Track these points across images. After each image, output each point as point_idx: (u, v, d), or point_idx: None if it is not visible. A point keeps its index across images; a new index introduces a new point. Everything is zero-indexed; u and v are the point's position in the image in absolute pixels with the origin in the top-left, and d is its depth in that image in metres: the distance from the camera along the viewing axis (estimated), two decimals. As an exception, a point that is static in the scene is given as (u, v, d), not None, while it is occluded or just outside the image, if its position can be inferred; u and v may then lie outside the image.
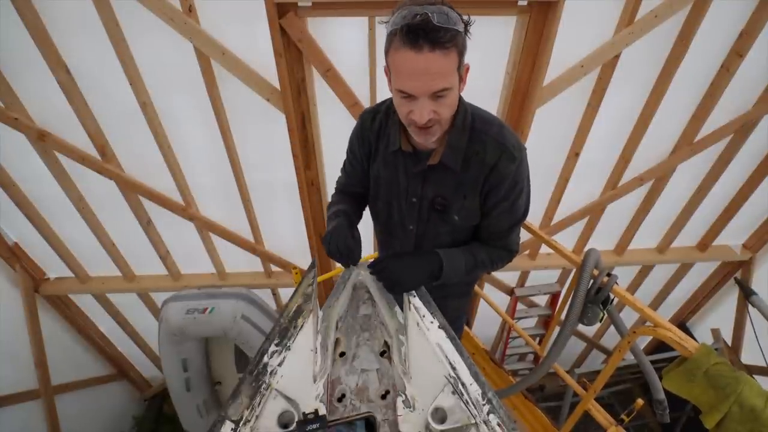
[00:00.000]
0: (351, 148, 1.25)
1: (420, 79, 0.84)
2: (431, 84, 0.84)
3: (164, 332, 2.74)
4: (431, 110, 0.88)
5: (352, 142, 1.23)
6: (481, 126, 1.04)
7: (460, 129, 1.03)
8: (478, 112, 1.07)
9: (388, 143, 1.12)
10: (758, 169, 2.77)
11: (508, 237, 1.17)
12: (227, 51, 1.96)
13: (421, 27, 0.78)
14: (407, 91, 0.87)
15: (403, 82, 0.86)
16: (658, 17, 1.98)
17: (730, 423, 1.16)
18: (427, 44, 0.79)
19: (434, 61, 0.81)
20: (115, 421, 4.00)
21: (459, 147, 1.03)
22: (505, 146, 1.02)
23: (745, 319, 3.36)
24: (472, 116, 1.05)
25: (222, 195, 2.66)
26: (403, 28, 0.80)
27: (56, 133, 2.27)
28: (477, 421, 0.76)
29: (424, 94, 0.86)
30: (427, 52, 0.80)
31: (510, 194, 1.07)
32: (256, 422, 0.79)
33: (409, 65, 0.82)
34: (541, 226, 2.97)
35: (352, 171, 1.29)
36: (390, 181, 1.16)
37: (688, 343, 1.23)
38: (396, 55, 0.84)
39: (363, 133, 1.18)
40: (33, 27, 1.86)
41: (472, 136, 1.03)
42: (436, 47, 0.79)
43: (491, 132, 1.03)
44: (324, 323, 1.02)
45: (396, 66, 0.86)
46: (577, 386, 1.93)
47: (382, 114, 1.13)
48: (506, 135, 1.04)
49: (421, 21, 0.78)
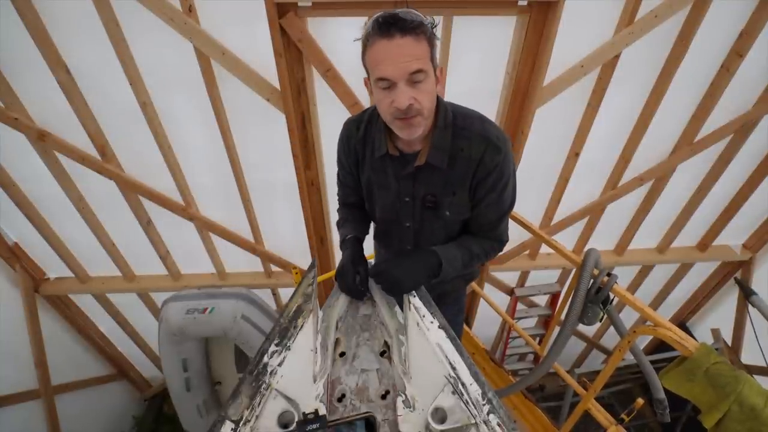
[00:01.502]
0: (339, 159, 1.29)
1: (395, 61, 0.89)
2: (406, 65, 0.89)
3: (164, 332, 2.74)
4: (411, 96, 0.92)
5: (339, 154, 1.28)
6: (462, 122, 1.06)
7: (442, 128, 1.05)
8: (459, 109, 1.10)
9: (374, 149, 1.15)
10: (758, 169, 2.77)
11: (498, 228, 1.21)
12: (227, 51, 1.96)
13: (390, 19, 0.88)
14: (385, 76, 0.91)
15: (381, 69, 0.91)
16: (658, 17, 1.98)
17: (730, 422, 1.16)
18: (397, 31, 0.87)
19: (406, 44, 0.88)
20: (115, 421, 3.99)
21: (443, 146, 1.06)
22: (489, 139, 1.04)
23: (745, 319, 3.36)
24: (453, 114, 1.07)
25: (222, 195, 2.66)
26: (375, 22, 0.89)
27: (56, 133, 2.27)
28: (477, 421, 0.76)
29: (402, 77, 0.90)
30: (399, 38, 0.88)
31: (497, 185, 1.10)
32: (256, 422, 0.79)
33: (383, 51, 0.90)
34: (541, 226, 2.97)
35: (345, 181, 1.33)
36: (381, 184, 1.20)
37: (688, 343, 1.23)
38: (371, 49, 0.91)
39: (349, 142, 1.22)
40: (33, 27, 1.86)
41: (455, 133, 1.06)
42: (407, 33, 0.88)
43: (474, 127, 1.06)
44: (324, 323, 1.02)
45: (373, 58, 0.92)
46: (577, 386, 1.93)
47: (365, 122, 1.17)
48: (489, 128, 1.06)
49: (390, 14, 0.88)
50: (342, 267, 1.15)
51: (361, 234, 1.31)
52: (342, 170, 1.31)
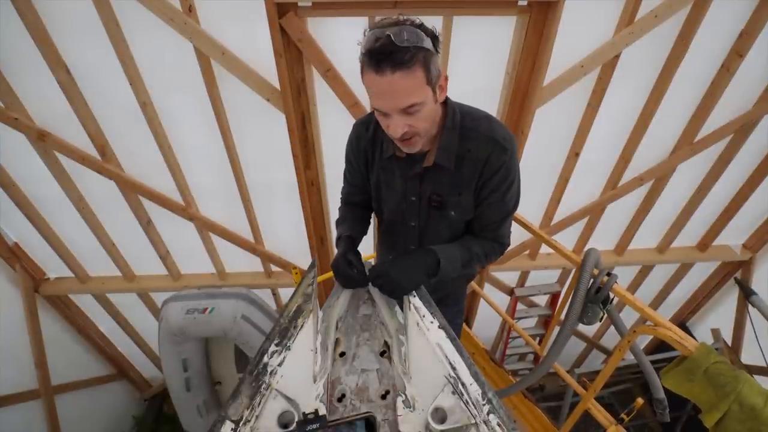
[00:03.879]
0: (348, 158, 1.30)
1: (386, 98, 0.90)
2: (397, 102, 0.89)
3: (164, 332, 2.74)
4: (405, 124, 0.94)
5: (348, 154, 1.28)
6: (470, 123, 1.07)
7: (450, 129, 1.06)
8: (466, 109, 1.10)
9: (382, 150, 1.16)
10: (758, 169, 2.77)
11: (500, 229, 1.21)
12: (227, 51, 1.96)
13: (381, 51, 0.83)
14: (379, 108, 0.94)
15: (374, 100, 0.93)
16: (658, 17, 1.98)
17: (730, 422, 1.15)
18: (388, 67, 0.84)
19: (397, 81, 0.85)
20: (115, 421, 3.99)
21: (451, 147, 1.07)
22: (495, 140, 1.05)
23: (745, 319, 3.36)
24: (461, 114, 1.08)
25: (222, 195, 2.66)
26: (366, 53, 0.86)
27: (56, 133, 2.27)
28: (477, 421, 0.76)
29: (394, 111, 0.91)
30: (389, 74, 0.84)
31: (502, 185, 1.10)
32: (256, 422, 0.79)
33: (375, 86, 0.89)
34: (541, 226, 2.97)
35: (352, 180, 1.34)
36: (389, 184, 1.21)
37: (688, 342, 1.23)
38: (365, 77, 0.90)
39: (358, 143, 1.22)
40: (33, 27, 1.86)
41: (463, 135, 1.06)
42: (397, 69, 0.84)
43: (481, 128, 1.06)
44: (324, 323, 1.02)
45: (367, 87, 0.92)
46: (577, 386, 1.93)
47: (374, 123, 1.17)
48: (495, 128, 1.07)
49: (382, 45, 0.83)
50: (335, 260, 1.16)
51: (358, 234, 1.31)
52: (351, 169, 1.32)
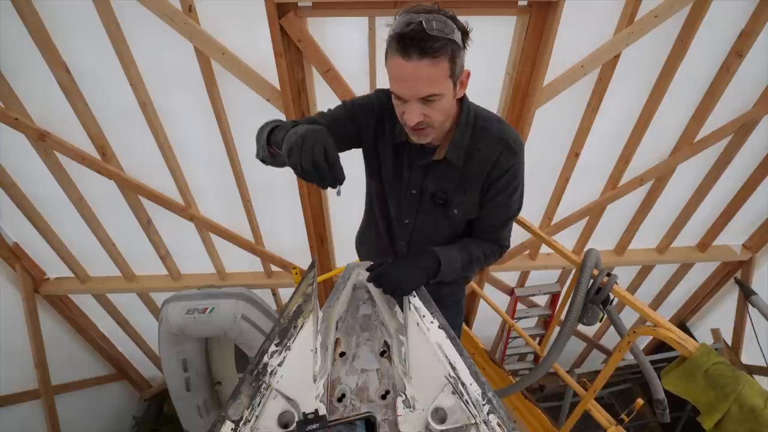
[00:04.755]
0: (349, 108, 1.14)
1: (408, 84, 0.89)
2: (418, 89, 0.89)
3: (164, 332, 2.74)
4: (421, 113, 0.93)
5: (355, 106, 1.14)
6: (482, 123, 1.08)
7: (464, 126, 1.06)
8: (479, 110, 1.11)
9: (394, 132, 1.14)
10: (758, 169, 2.77)
11: (501, 231, 1.22)
12: (227, 51, 1.96)
13: (411, 36, 0.82)
14: (397, 93, 0.92)
15: (394, 85, 0.92)
16: (658, 17, 1.98)
17: (730, 423, 1.15)
18: (415, 53, 0.83)
19: (422, 68, 0.85)
20: (115, 422, 3.99)
21: (462, 144, 1.07)
22: (506, 141, 1.06)
23: (745, 319, 3.36)
24: (475, 114, 1.08)
25: (222, 195, 2.66)
26: (395, 36, 0.84)
27: (56, 133, 2.27)
28: (477, 421, 0.76)
29: (413, 98, 0.91)
30: (416, 60, 0.84)
31: (508, 187, 1.11)
32: (256, 422, 0.79)
33: (399, 71, 0.88)
34: (541, 226, 2.97)
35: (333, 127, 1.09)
36: (400, 173, 1.19)
37: (688, 343, 1.23)
38: (390, 60, 0.89)
39: (378, 109, 1.13)
40: (33, 27, 1.86)
41: (475, 134, 1.07)
42: (425, 56, 0.83)
43: (492, 129, 1.07)
44: (324, 323, 1.02)
45: (389, 70, 0.91)
46: (577, 386, 1.93)
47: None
48: (506, 130, 1.08)
49: (412, 30, 0.82)
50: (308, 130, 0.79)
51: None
52: (343, 118, 1.13)
